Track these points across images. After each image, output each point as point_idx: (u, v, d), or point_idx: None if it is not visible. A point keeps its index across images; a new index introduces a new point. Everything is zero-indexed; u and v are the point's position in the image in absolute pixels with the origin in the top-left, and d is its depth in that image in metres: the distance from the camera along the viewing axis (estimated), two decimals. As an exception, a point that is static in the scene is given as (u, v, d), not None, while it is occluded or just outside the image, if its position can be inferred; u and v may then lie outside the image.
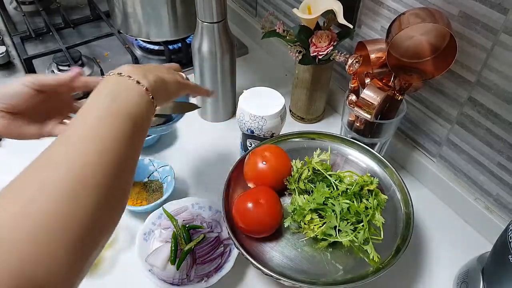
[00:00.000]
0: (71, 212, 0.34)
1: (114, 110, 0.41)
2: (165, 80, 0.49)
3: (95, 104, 0.42)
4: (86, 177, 0.36)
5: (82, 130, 0.39)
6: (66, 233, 0.33)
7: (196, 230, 0.67)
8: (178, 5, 0.92)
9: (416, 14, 0.58)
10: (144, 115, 0.44)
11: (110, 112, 0.41)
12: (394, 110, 0.69)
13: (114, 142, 0.39)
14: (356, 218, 0.59)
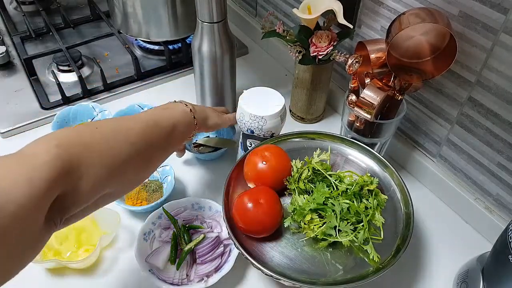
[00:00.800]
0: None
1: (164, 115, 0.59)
2: (206, 112, 0.68)
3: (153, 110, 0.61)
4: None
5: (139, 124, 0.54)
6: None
7: (196, 230, 0.67)
8: (178, 5, 0.92)
9: (416, 14, 0.58)
10: (185, 127, 0.61)
11: (157, 118, 0.57)
12: (394, 110, 0.69)
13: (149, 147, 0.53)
14: (356, 218, 0.59)
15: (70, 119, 0.85)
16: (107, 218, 0.66)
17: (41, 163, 0.38)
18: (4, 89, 0.93)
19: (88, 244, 0.65)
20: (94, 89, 0.93)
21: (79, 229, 0.66)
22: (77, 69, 0.92)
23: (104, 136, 0.47)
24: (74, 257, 0.64)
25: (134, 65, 0.95)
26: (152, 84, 0.98)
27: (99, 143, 0.46)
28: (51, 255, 0.63)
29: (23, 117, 0.87)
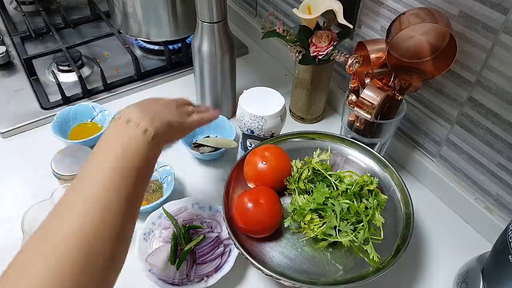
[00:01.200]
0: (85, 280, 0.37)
1: (124, 167, 0.44)
2: (171, 124, 0.53)
3: (105, 162, 0.44)
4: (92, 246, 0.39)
5: (90, 195, 0.41)
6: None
7: (196, 230, 0.67)
8: (178, 5, 0.92)
9: (416, 14, 0.58)
10: (150, 165, 0.48)
11: (119, 171, 0.44)
12: (394, 110, 0.69)
13: (120, 200, 0.42)
14: (356, 218, 0.59)
15: (70, 119, 0.85)
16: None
17: None
18: (4, 89, 0.93)
19: None
20: (94, 89, 0.93)
21: None
22: (77, 69, 0.92)
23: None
24: None
25: (134, 65, 0.95)
26: (152, 84, 0.98)
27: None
28: None
29: (23, 117, 0.87)
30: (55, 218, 0.41)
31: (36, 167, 0.78)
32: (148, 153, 0.47)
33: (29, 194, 0.74)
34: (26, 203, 0.73)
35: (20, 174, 0.77)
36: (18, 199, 0.74)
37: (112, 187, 0.42)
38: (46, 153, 0.76)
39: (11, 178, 0.71)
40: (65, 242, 0.38)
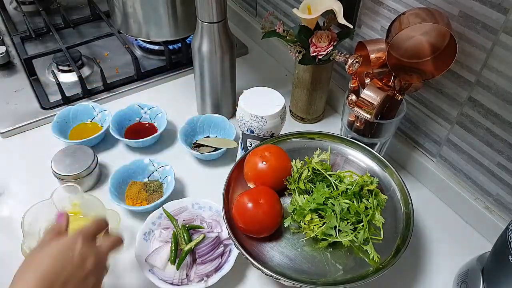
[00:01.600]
0: None
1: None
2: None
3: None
4: None
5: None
6: None
7: (196, 230, 0.67)
8: (178, 5, 0.92)
9: (416, 14, 0.58)
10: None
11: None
12: (394, 110, 0.69)
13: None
14: (356, 218, 0.59)
15: (70, 119, 0.85)
16: (108, 218, 0.66)
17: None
18: (4, 89, 0.93)
19: None
20: (94, 89, 0.93)
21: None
22: (77, 69, 0.92)
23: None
24: None
25: (134, 65, 0.95)
26: (152, 84, 0.97)
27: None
28: None
29: (23, 117, 0.87)
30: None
31: (36, 167, 0.78)
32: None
33: (29, 194, 0.74)
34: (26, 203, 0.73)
35: (20, 174, 0.77)
36: (18, 199, 0.74)
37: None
38: (46, 153, 0.76)
39: (11, 178, 0.71)
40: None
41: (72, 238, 0.50)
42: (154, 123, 0.86)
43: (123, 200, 0.72)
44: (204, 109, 0.88)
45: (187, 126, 0.82)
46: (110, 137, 0.82)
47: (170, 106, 0.88)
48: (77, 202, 0.67)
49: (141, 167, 0.76)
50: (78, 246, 0.49)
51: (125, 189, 0.73)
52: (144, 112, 0.87)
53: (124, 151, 0.83)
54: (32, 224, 0.63)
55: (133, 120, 0.86)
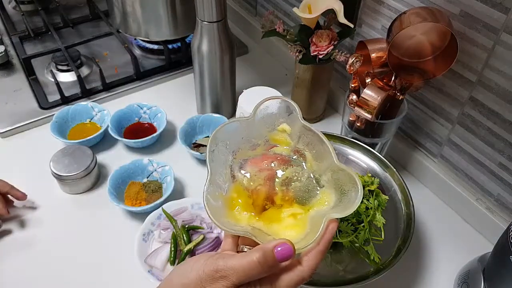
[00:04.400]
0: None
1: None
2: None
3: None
4: None
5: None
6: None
7: (196, 230, 0.67)
8: (178, 5, 0.92)
9: (417, 13, 0.58)
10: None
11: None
12: (395, 110, 0.69)
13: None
14: (357, 218, 0.58)
15: (69, 119, 0.84)
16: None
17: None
18: (3, 89, 0.93)
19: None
20: (93, 88, 0.93)
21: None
22: (76, 68, 0.92)
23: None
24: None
25: (133, 64, 0.95)
26: (152, 83, 0.97)
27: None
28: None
29: (22, 117, 0.86)
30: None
31: (34, 167, 0.77)
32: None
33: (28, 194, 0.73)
34: (24, 203, 0.73)
35: (18, 174, 0.76)
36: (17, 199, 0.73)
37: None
38: (44, 153, 0.76)
39: (10, 178, 0.71)
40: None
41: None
42: (154, 123, 0.86)
43: (122, 201, 0.71)
44: (204, 109, 0.88)
45: (186, 126, 0.82)
46: (109, 137, 0.82)
47: (170, 106, 0.88)
48: (287, 129, 0.44)
49: (140, 167, 0.76)
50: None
51: (124, 189, 0.73)
52: (143, 112, 0.86)
53: (123, 151, 0.82)
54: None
55: (132, 120, 0.86)
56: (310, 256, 0.37)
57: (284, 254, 0.36)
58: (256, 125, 0.43)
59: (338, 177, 0.39)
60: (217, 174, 0.41)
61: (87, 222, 0.71)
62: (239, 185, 0.42)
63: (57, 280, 0.63)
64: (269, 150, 0.44)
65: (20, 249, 0.67)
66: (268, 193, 0.41)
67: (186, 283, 0.36)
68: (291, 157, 0.43)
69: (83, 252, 0.66)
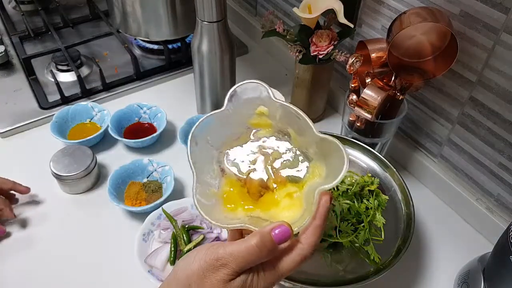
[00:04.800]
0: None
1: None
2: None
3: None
4: None
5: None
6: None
7: (196, 230, 0.67)
8: (178, 4, 0.92)
9: (417, 13, 0.58)
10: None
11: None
12: (395, 110, 0.69)
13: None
14: (357, 218, 0.58)
15: (69, 119, 0.84)
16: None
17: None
18: (3, 89, 0.93)
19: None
20: (93, 88, 0.93)
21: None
22: (76, 68, 0.92)
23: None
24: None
25: (133, 64, 0.95)
26: (152, 83, 0.97)
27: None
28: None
29: (22, 117, 0.86)
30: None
31: (34, 167, 0.77)
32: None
33: (27, 194, 0.73)
34: (24, 203, 0.73)
35: (18, 174, 0.76)
36: (17, 200, 0.74)
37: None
38: (44, 153, 0.76)
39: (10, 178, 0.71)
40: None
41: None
42: (154, 123, 0.86)
43: (122, 201, 0.71)
44: (204, 109, 0.88)
45: (186, 126, 0.82)
46: (109, 137, 0.82)
47: (170, 105, 0.88)
48: (265, 110, 0.43)
49: (140, 167, 0.76)
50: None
51: (124, 189, 0.73)
52: (143, 112, 0.86)
53: (123, 151, 0.82)
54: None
55: (132, 120, 0.86)
56: (308, 233, 0.37)
57: (282, 236, 0.36)
58: (233, 114, 0.42)
59: (323, 147, 0.39)
60: (203, 173, 0.41)
61: (87, 222, 0.71)
62: (230, 177, 0.42)
63: (57, 280, 0.63)
64: (252, 136, 0.43)
65: (20, 248, 0.67)
66: (260, 178, 0.41)
67: (189, 275, 0.37)
68: (275, 137, 0.42)
69: (83, 252, 0.66)
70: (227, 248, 0.36)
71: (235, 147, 0.43)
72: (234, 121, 0.42)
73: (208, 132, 0.42)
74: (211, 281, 0.36)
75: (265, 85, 0.40)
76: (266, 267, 0.37)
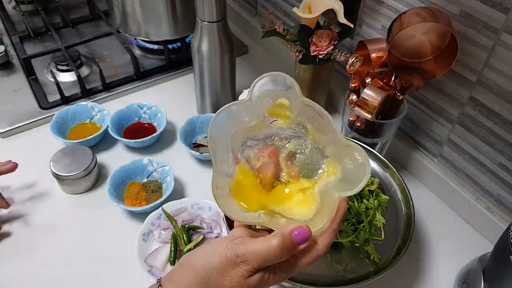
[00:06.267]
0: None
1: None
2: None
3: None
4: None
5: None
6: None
7: (196, 230, 0.67)
8: (178, 4, 0.92)
9: (417, 13, 0.58)
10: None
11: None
12: (395, 110, 0.69)
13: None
14: (357, 218, 0.58)
15: (69, 119, 0.84)
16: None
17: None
18: (2, 89, 0.93)
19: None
20: (93, 88, 0.93)
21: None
22: (76, 68, 0.92)
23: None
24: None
25: (133, 64, 0.95)
26: (151, 83, 0.97)
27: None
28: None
29: (22, 117, 0.86)
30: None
31: (34, 167, 0.77)
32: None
33: (27, 194, 0.73)
34: (24, 203, 0.73)
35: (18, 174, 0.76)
36: (17, 199, 0.73)
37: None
38: (44, 153, 0.76)
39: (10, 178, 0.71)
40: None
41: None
42: (154, 123, 0.86)
43: (122, 201, 0.71)
44: (204, 109, 0.88)
45: (186, 126, 0.82)
46: (109, 137, 0.82)
47: (170, 106, 0.88)
48: (286, 103, 0.42)
49: (140, 167, 0.76)
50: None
51: (124, 189, 0.73)
52: (143, 112, 0.86)
53: (123, 151, 0.82)
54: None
55: (132, 120, 0.86)
56: (326, 235, 0.39)
57: (302, 238, 0.38)
58: (255, 104, 0.42)
59: (342, 150, 0.39)
60: (221, 162, 0.41)
61: (87, 222, 0.71)
62: (243, 165, 0.42)
63: (57, 279, 0.63)
64: (269, 124, 0.43)
65: (20, 249, 0.67)
66: (274, 169, 0.42)
67: (209, 269, 0.38)
68: (293, 130, 0.42)
69: (83, 252, 0.66)
70: (248, 246, 0.38)
71: (250, 134, 0.43)
72: (254, 110, 0.42)
73: (228, 122, 0.42)
74: (231, 277, 0.37)
75: (293, 80, 0.40)
76: (283, 265, 0.39)
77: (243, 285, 0.37)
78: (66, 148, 0.76)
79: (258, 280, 0.38)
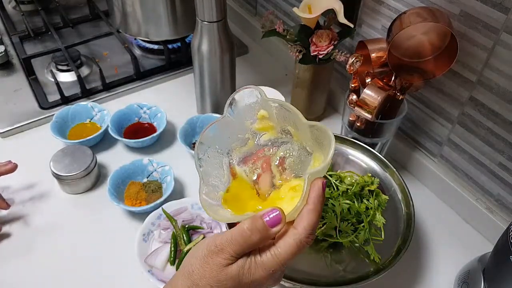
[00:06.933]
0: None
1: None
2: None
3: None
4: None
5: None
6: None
7: (196, 230, 0.67)
8: (178, 4, 0.92)
9: (417, 13, 0.58)
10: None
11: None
12: (395, 110, 0.69)
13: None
14: (357, 218, 0.58)
15: (69, 119, 0.84)
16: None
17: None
18: (3, 89, 0.93)
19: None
20: (93, 88, 0.93)
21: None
22: (76, 68, 0.92)
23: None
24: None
25: (133, 64, 0.95)
26: (151, 83, 0.97)
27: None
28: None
29: (22, 117, 0.86)
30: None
31: (34, 167, 0.77)
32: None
33: (27, 194, 0.73)
34: (24, 203, 0.73)
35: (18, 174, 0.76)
36: (17, 199, 0.73)
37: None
38: (44, 153, 0.76)
39: (10, 178, 0.71)
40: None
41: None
42: (154, 123, 0.86)
43: (122, 201, 0.71)
44: (204, 109, 0.88)
45: (186, 126, 0.82)
46: (109, 137, 0.82)
47: (170, 105, 0.88)
48: (264, 113, 0.44)
49: (140, 167, 0.76)
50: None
51: (124, 189, 0.73)
52: (143, 112, 0.86)
53: (123, 151, 0.82)
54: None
55: (132, 120, 0.86)
56: (302, 217, 0.38)
57: (273, 219, 0.37)
58: (236, 121, 0.43)
59: (316, 138, 0.40)
60: (211, 176, 0.42)
61: (87, 222, 0.71)
62: (240, 180, 0.44)
63: (57, 279, 0.63)
64: (258, 140, 0.45)
65: (20, 249, 0.67)
66: (270, 179, 0.43)
67: (193, 263, 0.39)
68: (280, 138, 0.44)
69: (83, 252, 0.66)
70: (224, 235, 0.38)
71: (244, 152, 0.45)
72: (239, 128, 0.44)
73: (214, 140, 0.43)
74: (211, 267, 0.37)
75: (258, 87, 0.41)
76: (262, 252, 0.38)
77: (221, 274, 0.37)
78: (66, 148, 0.76)
79: (237, 269, 0.37)
